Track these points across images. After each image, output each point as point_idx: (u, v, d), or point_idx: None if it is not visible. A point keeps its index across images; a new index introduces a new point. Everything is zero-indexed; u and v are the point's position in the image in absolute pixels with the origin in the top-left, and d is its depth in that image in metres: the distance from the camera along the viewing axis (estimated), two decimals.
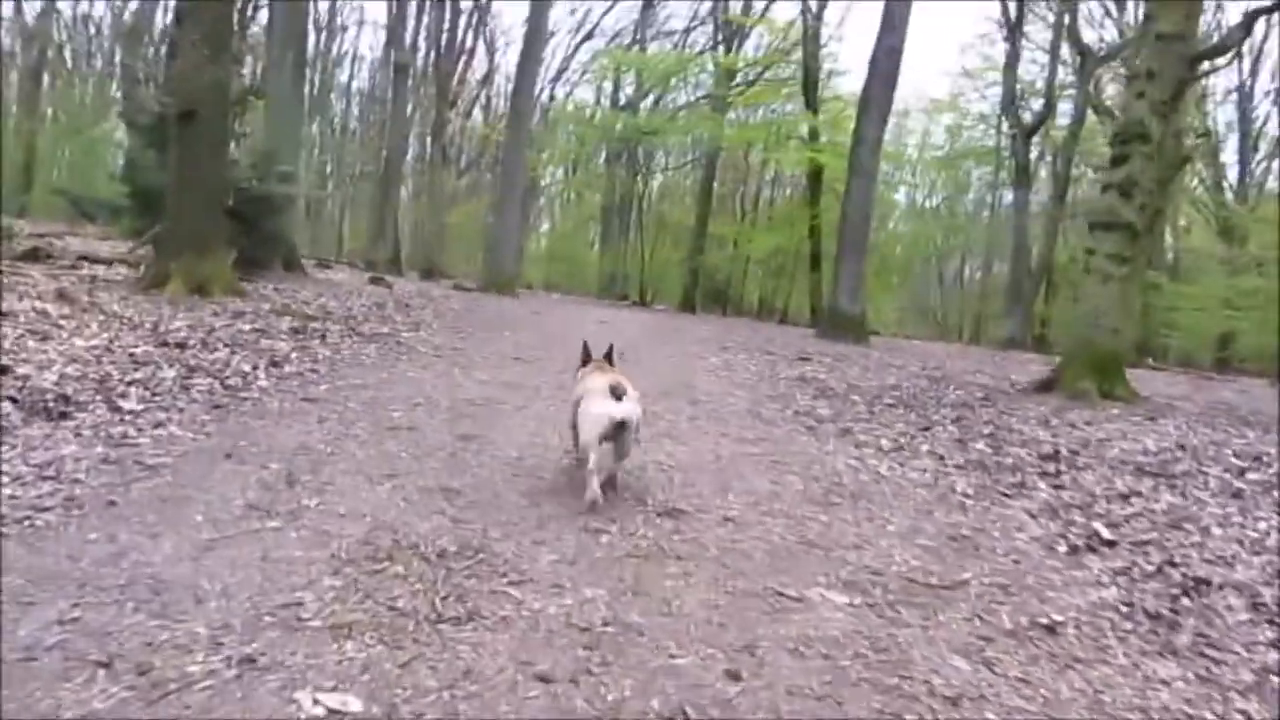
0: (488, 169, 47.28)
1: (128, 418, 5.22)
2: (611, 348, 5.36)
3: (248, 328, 9.39)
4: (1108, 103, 27.40)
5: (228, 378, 6.73)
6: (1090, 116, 26.78)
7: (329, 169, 48.65)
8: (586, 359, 5.26)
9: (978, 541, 4.39)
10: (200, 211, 12.05)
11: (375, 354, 8.93)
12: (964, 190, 39.88)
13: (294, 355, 8.13)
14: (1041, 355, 24.37)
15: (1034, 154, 30.83)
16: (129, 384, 6.10)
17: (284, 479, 4.25)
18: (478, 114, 47.96)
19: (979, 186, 40.60)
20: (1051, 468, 6.44)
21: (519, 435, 5.81)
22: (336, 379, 7.29)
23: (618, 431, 4.25)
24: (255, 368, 7.26)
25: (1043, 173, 33.48)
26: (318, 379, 7.20)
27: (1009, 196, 38.55)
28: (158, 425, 5.10)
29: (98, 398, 5.59)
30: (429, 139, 38.33)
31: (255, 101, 18.36)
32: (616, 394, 4.29)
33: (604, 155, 43.18)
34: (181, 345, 7.77)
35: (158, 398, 5.82)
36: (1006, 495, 5.54)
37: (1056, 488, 5.88)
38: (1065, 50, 27.32)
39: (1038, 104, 29.17)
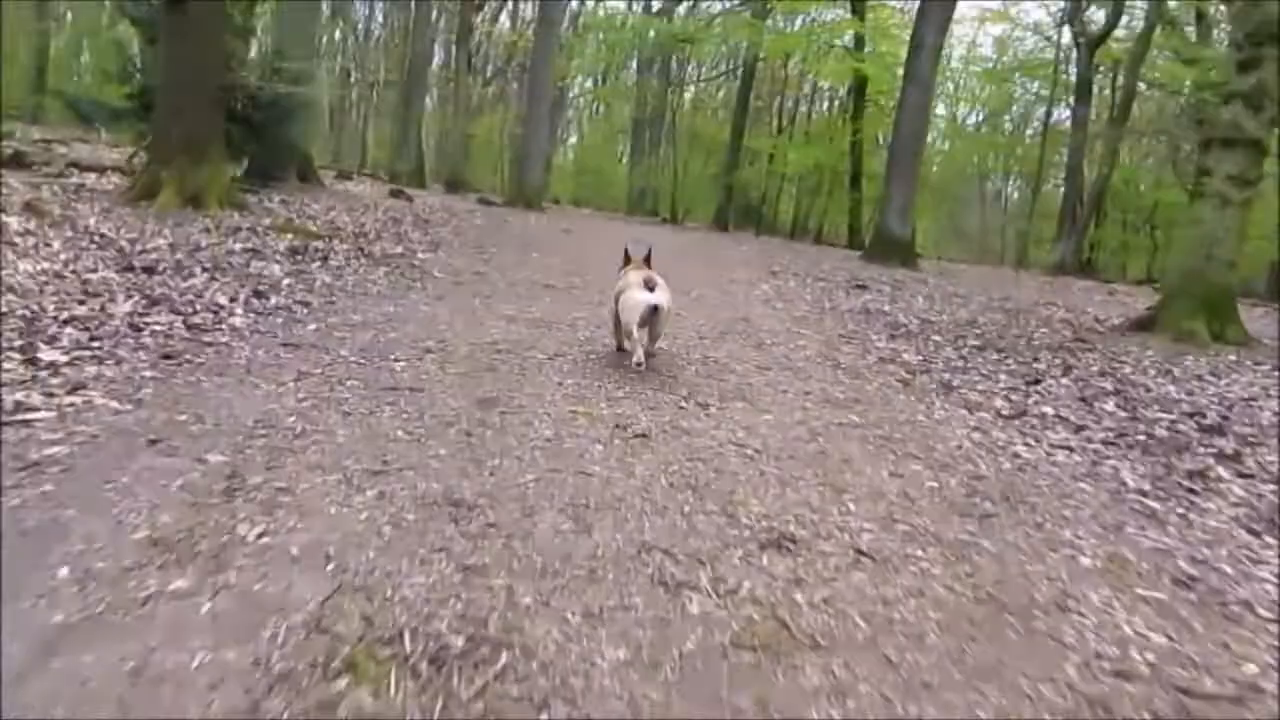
0: (514, 78, 45.18)
1: (41, 374, 3.88)
2: (650, 250, 5.91)
3: (239, 247, 8.03)
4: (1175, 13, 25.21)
5: (195, 313, 5.38)
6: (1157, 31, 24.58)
7: (351, 76, 46.66)
8: (627, 260, 5.79)
9: (1214, 587, 3.00)
10: (194, 113, 10.61)
11: (384, 281, 7.55)
12: (1005, 107, 37.46)
13: (286, 283, 6.76)
14: (1098, 282, 22.74)
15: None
16: (65, 322, 4.76)
17: (221, 484, 2.91)
18: (504, 20, 45.66)
19: (1028, 102, 38.27)
20: (1223, 445, 5.03)
21: (554, 398, 4.43)
22: (331, 314, 5.92)
23: (652, 316, 5.11)
24: (234, 299, 5.90)
25: (1095, 90, 31.23)
26: (308, 315, 5.84)
27: (1059, 114, 36.43)
28: (76, 388, 3.76)
29: (17, 342, 4.26)
30: (454, 46, 36.31)
31: None
32: (650, 286, 5.09)
33: (635, 65, 41.04)
34: (150, 269, 6.42)
35: (96, 343, 4.49)
36: (1192, 492, 4.14)
37: (1244, 476, 4.48)
38: None
39: (1099, 14, 26.91)
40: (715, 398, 4.78)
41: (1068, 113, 34.14)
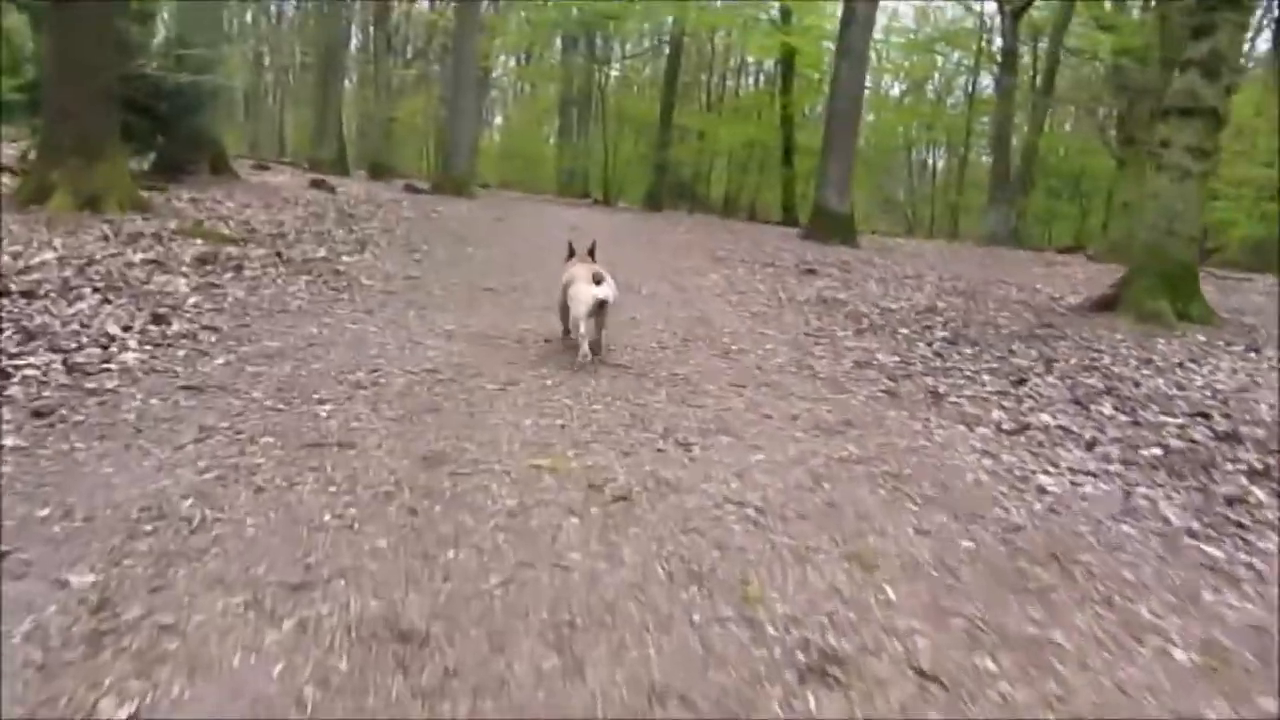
0: (436, 59, 43.79)
1: None
2: (594, 244, 6.08)
3: (139, 258, 7.14)
4: None
5: (79, 349, 4.56)
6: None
7: (266, 60, 44.82)
8: (571, 254, 6.00)
9: None
10: (87, 107, 9.60)
11: (306, 293, 6.73)
12: (926, 77, 37.25)
13: (192, 302, 5.93)
14: (1032, 252, 22.58)
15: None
16: None
17: (86, 623, 2.17)
18: (423, 2, 44.21)
19: (950, 72, 38.19)
20: (1248, 459, 4.53)
21: (512, 448, 3.73)
22: (244, 341, 5.12)
23: (599, 309, 5.26)
24: (128, 328, 5.08)
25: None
26: (216, 343, 5.03)
27: (982, 83, 36.38)
28: None
29: None
30: (372, 27, 34.95)
31: None
32: (597, 280, 5.22)
33: (559, 44, 39.98)
34: (30, 293, 5.53)
35: None
36: (1242, 526, 3.62)
37: None
38: None
39: None
40: (695, 433, 4.12)
41: (989, 82, 34.23)
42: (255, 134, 41.98)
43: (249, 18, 43.46)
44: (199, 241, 8.28)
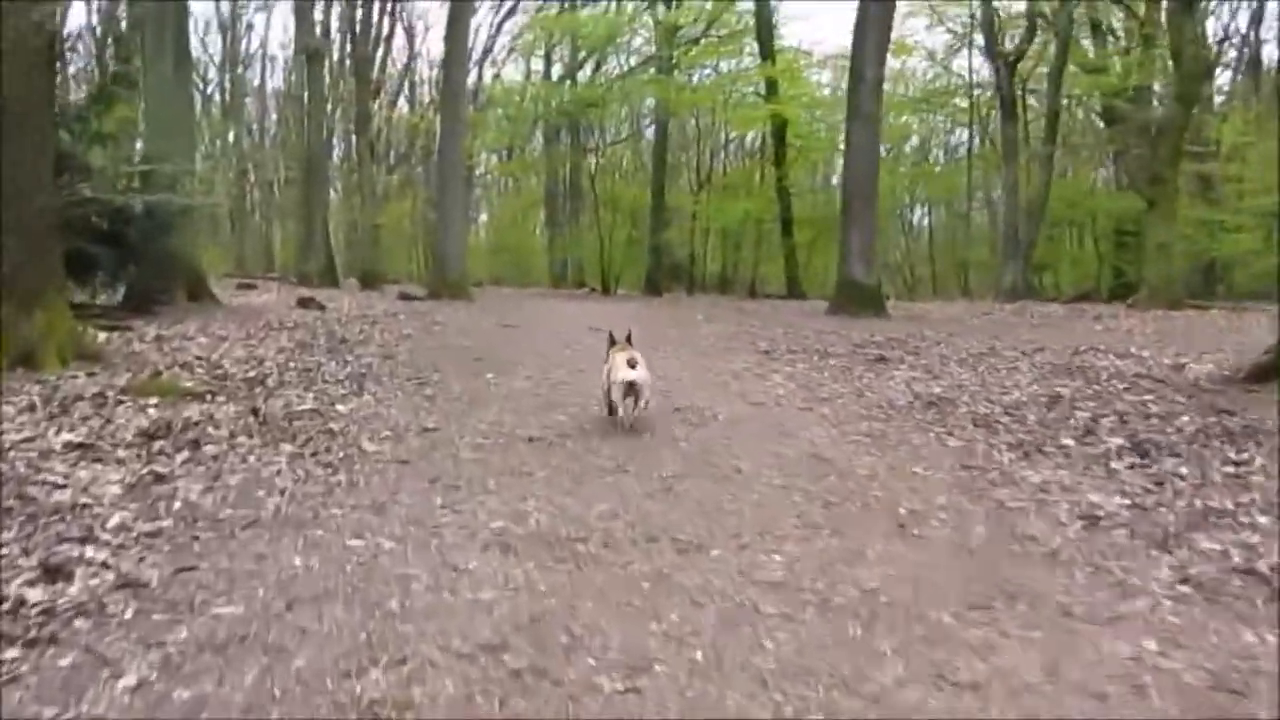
0: (419, 162, 42.44)
1: None
2: (630, 332, 6.54)
3: (63, 440, 5.14)
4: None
5: None
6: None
7: (250, 176, 43.36)
8: (612, 342, 6.34)
9: None
10: (20, 245, 7.66)
11: (288, 479, 4.67)
12: (905, 137, 35.72)
13: (117, 520, 3.89)
14: (1066, 306, 20.76)
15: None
16: None
17: None
18: (403, 105, 43.03)
19: (929, 130, 36.89)
20: None
21: None
22: (182, 609, 3.05)
23: (632, 389, 5.78)
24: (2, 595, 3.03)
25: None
26: (139, 615, 2.97)
27: (960, 138, 35.08)
28: None
29: None
30: (354, 135, 33.48)
31: (123, 94, 13.74)
32: (632, 364, 5.78)
33: (540, 135, 38.62)
34: None
35: None
36: None
37: None
38: None
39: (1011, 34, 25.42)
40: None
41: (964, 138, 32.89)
42: (242, 250, 40.30)
43: (230, 136, 42.17)
44: (152, 402, 6.28)
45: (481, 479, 4.67)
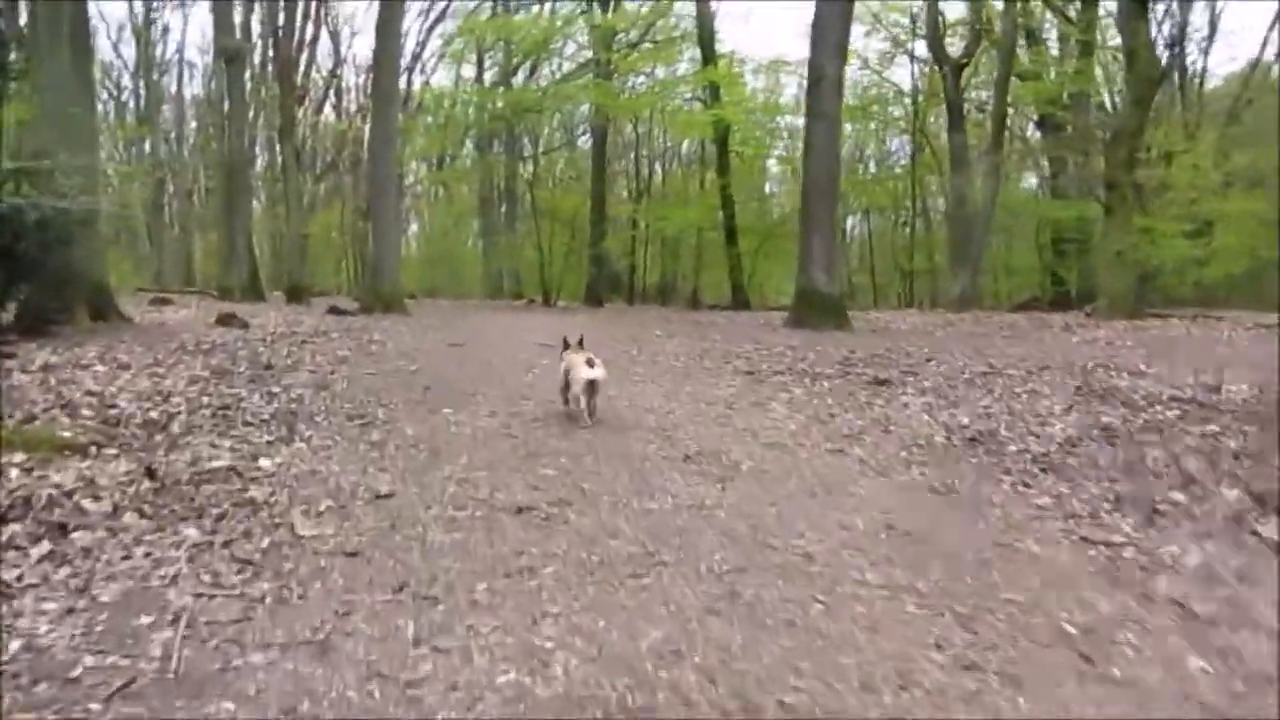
0: (346, 171, 40.37)
1: None
2: (582, 336, 6.94)
3: None
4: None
5: None
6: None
7: (167, 186, 40.75)
8: (566, 345, 6.79)
9: None
10: None
11: (186, 589, 3.19)
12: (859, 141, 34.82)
13: None
14: (1023, 313, 19.96)
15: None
16: None
17: None
18: (329, 112, 40.92)
19: (859, 137, 36.09)
20: None
21: None
22: None
23: (592, 387, 6.20)
24: None
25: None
26: None
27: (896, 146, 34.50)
28: None
29: None
30: (278, 142, 31.38)
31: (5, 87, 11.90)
32: (590, 364, 6.20)
33: (471, 143, 36.91)
34: None
35: None
36: None
37: None
38: None
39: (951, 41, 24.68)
40: None
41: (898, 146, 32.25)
42: (160, 264, 37.76)
43: (147, 145, 39.61)
44: (16, 460, 4.71)
45: (467, 583, 3.26)
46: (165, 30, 43.55)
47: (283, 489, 4.46)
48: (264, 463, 4.98)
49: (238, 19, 28.99)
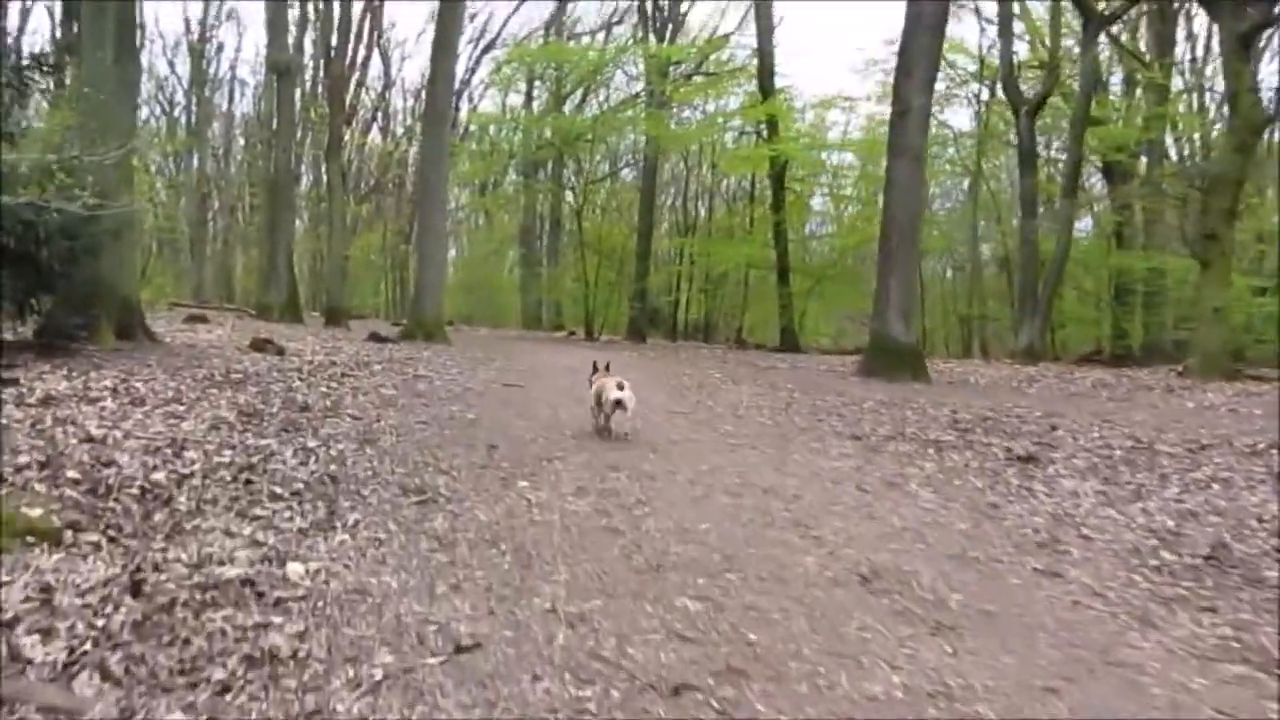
0: (390, 194, 39.38)
1: None
2: (609, 363, 7.54)
3: None
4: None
5: None
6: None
7: (213, 202, 39.89)
8: (595, 369, 7.34)
9: None
10: None
11: None
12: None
13: None
14: (1105, 369, 18.30)
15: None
16: None
17: None
18: (376, 135, 39.97)
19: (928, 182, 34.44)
20: None
21: None
22: None
23: (620, 405, 6.65)
24: None
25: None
26: None
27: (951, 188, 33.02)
28: None
29: None
30: (324, 161, 30.35)
31: (38, 82, 10.69)
32: (620, 387, 6.67)
33: (515, 171, 35.73)
34: None
35: None
36: None
37: None
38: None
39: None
40: None
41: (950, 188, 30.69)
42: (200, 278, 36.78)
43: (195, 159, 38.80)
44: None
45: None
46: (220, 48, 42.78)
47: (318, 627, 2.99)
48: (293, 569, 3.52)
49: (291, 37, 28.04)
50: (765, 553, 4.16)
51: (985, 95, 26.13)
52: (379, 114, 38.96)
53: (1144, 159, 25.37)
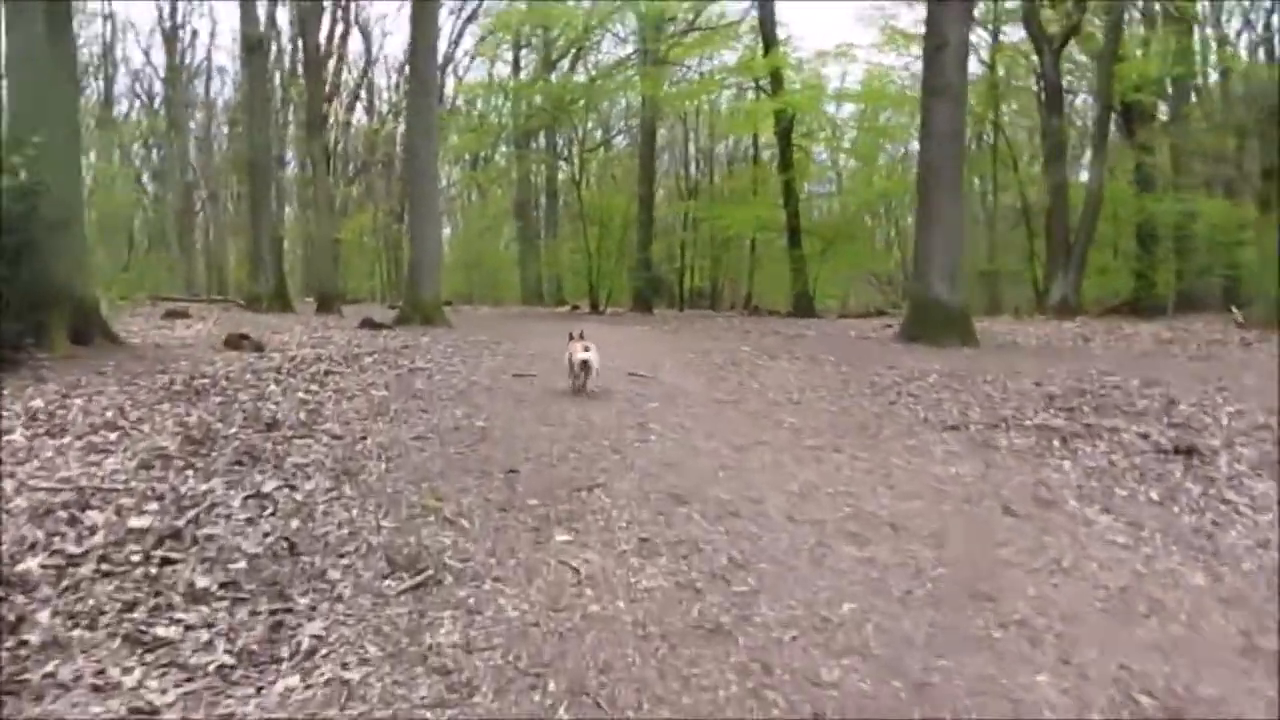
0: (379, 175, 37.45)
1: None
2: (582, 330, 7.93)
3: None
4: None
5: None
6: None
7: (201, 191, 37.96)
8: (571, 337, 7.61)
9: None
10: None
11: None
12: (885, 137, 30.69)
13: None
14: (1147, 322, 16.69)
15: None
16: None
17: None
18: (360, 114, 37.98)
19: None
20: None
21: None
22: None
23: (585, 366, 7.22)
24: None
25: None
26: None
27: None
28: None
29: None
30: (308, 140, 28.44)
31: None
32: (585, 349, 7.23)
33: (506, 144, 33.79)
34: None
35: None
36: None
37: None
38: None
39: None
40: None
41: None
42: (189, 271, 34.96)
43: (174, 148, 36.83)
44: None
45: None
46: (194, 35, 40.70)
47: None
48: None
49: (263, 12, 26.06)
50: (970, 670, 2.55)
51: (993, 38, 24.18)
52: (362, 92, 36.94)
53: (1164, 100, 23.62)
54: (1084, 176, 21.73)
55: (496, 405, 6.85)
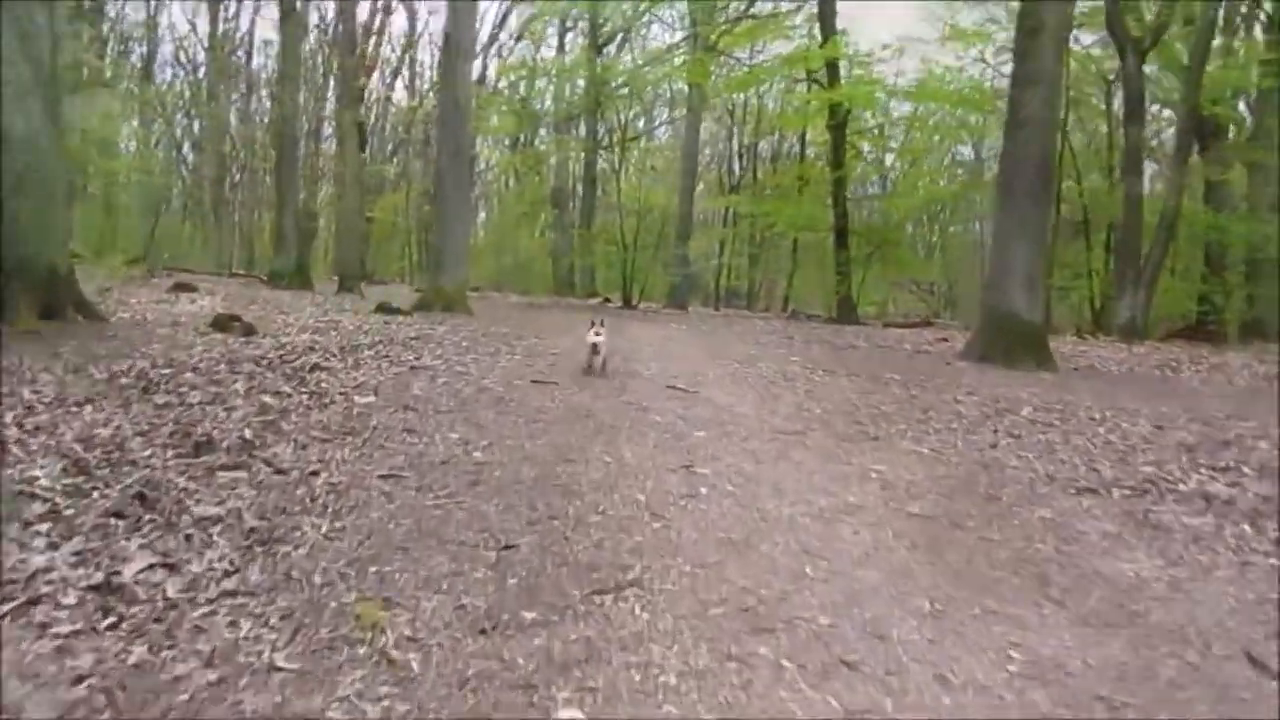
0: (416, 154, 36.11)
1: None
2: (603, 319, 8.29)
3: None
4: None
5: None
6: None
7: (234, 164, 36.80)
8: (591, 325, 7.88)
9: None
10: None
11: None
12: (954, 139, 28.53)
13: None
14: (1223, 348, 14.89)
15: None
16: None
17: None
18: (401, 92, 36.62)
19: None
20: None
21: None
22: None
23: (595, 349, 7.66)
24: None
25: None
26: None
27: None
28: None
29: None
30: (344, 118, 27.06)
31: None
32: (597, 334, 7.63)
33: (546, 130, 32.30)
34: None
35: None
36: None
37: None
38: None
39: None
40: None
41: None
42: (220, 244, 33.80)
43: (211, 118, 35.67)
44: None
45: None
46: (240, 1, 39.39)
47: None
48: None
49: None
50: None
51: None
52: (403, 69, 35.56)
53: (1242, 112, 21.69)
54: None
55: (504, 427, 5.32)
